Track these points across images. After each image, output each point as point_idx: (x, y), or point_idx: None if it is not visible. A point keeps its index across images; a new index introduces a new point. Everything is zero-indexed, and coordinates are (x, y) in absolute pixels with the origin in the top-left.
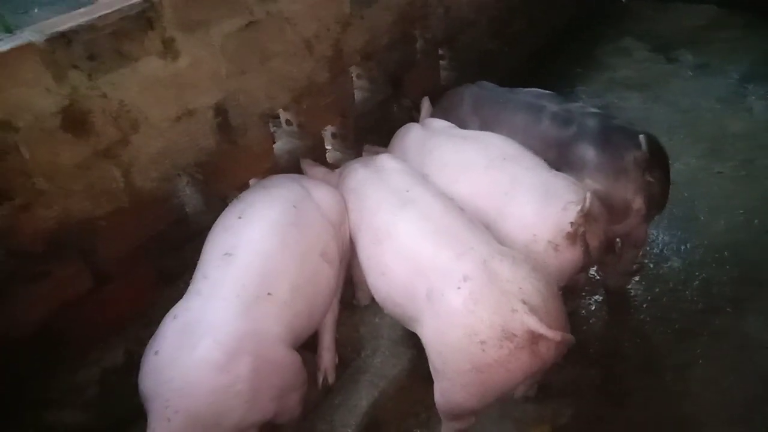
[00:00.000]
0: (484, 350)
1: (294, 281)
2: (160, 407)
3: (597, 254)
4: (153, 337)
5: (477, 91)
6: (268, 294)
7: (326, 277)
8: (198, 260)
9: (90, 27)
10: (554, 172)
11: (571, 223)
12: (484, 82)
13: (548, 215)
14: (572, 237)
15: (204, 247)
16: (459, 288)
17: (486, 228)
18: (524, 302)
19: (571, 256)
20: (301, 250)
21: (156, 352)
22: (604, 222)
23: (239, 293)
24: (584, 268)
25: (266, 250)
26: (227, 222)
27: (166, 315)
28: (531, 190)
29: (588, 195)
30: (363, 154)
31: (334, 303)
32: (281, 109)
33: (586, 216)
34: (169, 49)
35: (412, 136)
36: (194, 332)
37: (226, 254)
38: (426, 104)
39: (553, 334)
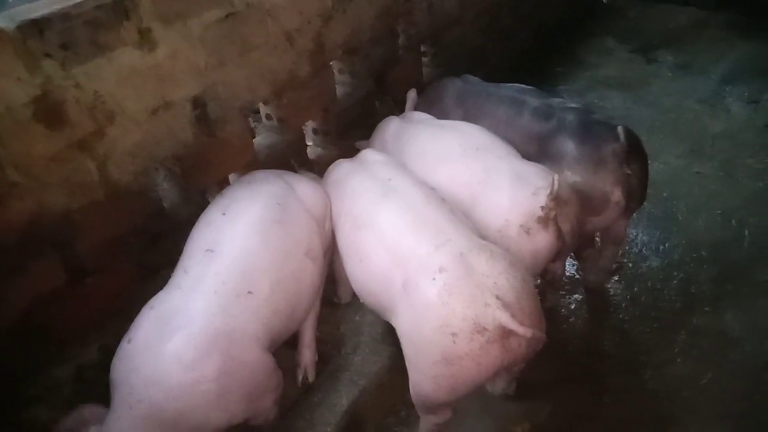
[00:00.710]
0: (455, 342)
1: (275, 279)
2: (125, 393)
3: (570, 239)
4: (131, 325)
5: (461, 85)
6: (248, 292)
7: (310, 275)
8: (180, 254)
9: (63, 15)
10: (525, 161)
11: (542, 207)
12: (469, 75)
13: (519, 200)
14: (544, 221)
15: (187, 241)
16: (434, 279)
17: (467, 219)
18: (498, 297)
19: (543, 239)
20: (285, 247)
21: (129, 340)
22: (575, 206)
23: (218, 290)
24: (559, 254)
25: (248, 248)
26: (210, 217)
27: (145, 305)
28: (503, 178)
29: (555, 178)
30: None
31: (315, 301)
32: (261, 103)
33: (556, 199)
34: (146, 40)
35: (391, 127)
36: (168, 325)
37: (207, 250)
38: (412, 96)
39: (524, 331)
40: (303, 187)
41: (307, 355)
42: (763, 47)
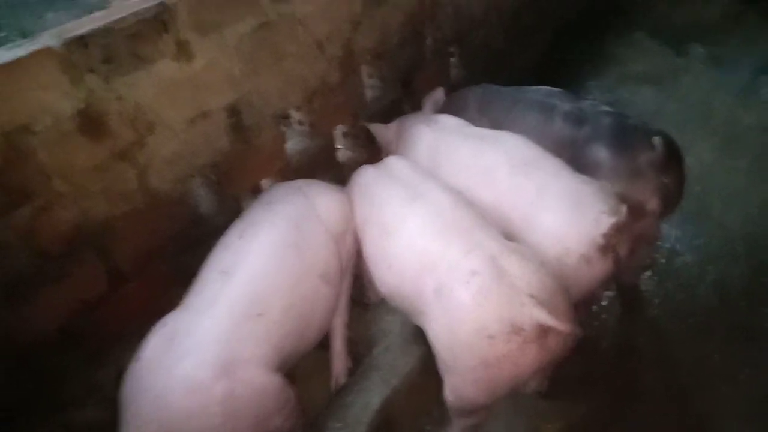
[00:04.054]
0: (492, 345)
1: (287, 302)
2: (133, 415)
3: (624, 263)
4: (142, 343)
5: (481, 93)
6: (259, 314)
7: (323, 298)
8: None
9: (106, 30)
10: (580, 176)
11: (604, 234)
12: (487, 84)
13: (581, 228)
14: (604, 249)
15: (204, 263)
16: (468, 283)
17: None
18: (532, 296)
19: (602, 269)
20: (299, 271)
21: (138, 359)
22: (630, 230)
23: (229, 311)
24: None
25: (261, 271)
26: (228, 240)
27: (157, 323)
28: (560, 200)
29: (624, 209)
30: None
31: (341, 308)
32: (293, 109)
33: (619, 227)
34: (183, 51)
35: (423, 136)
36: (178, 346)
37: (222, 272)
38: (438, 95)
39: (562, 326)
40: (323, 200)
41: (338, 365)
42: None
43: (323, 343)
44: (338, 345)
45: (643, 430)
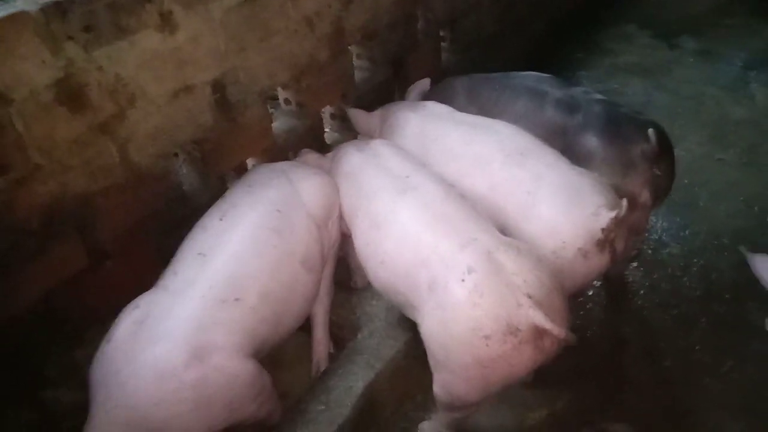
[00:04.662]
0: (488, 345)
1: (265, 288)
2: (102, 398)
3: (620, 258)
4: (113, 323)
5: (469, 81)
6: (235, 299)
7: (303, 284)
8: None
9: None
10: (577, 168)
11: (603, 229)
12: (474, 73)
13: (579, 222)
14: (602, 243)
15: (182, 243)
16: (463, 280)
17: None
18: (529, 296)
19: (599, 263)
20: (280, 257)
21: (109, 341)
22: (627, 223)
23: (205, 294)
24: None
25: (240, 255)
26: (207, 222)
27: (128, 305)
28: (557, 192)
29: (624, 203)
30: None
31: (322, 295)
32: (280, 88)
33: (618, 221)
34: (167, 23)
35: (410, 121)
36: (151, 329)
37: (200, 254)
38: (423, 83)
39: (558, 331)
40: (307, 185)
41: (320, 351)
42: None
43: (308, 328)
44: (319, 333)
45: (628, 421)
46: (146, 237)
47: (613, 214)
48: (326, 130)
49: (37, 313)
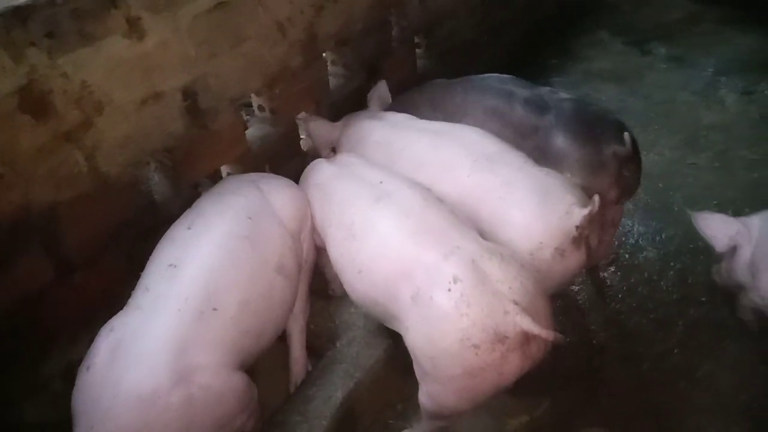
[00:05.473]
0: (477, 354)
1: (243, 298)
2: (85, 427)
3: (595, 254)
4: (89, 350)
5: (431, 89)
6: (213, 309)
7: (280, 291)
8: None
9: (48, 3)
10: (545, 170)
11: (577, 226)
12: (434, 80)
13: (553, 222)
14: (577, 241)
15: (150, 256)
16: (449, 290)
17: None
18: (515, 303)
19: (576, 260)
20: (254, 265)
21: (88, 368)
22: (599, 219)
23: (181, 307)
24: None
25: (213, 264)
26: (175, 233)
27: (103, 327)
28: (529, 195)
29: (596, 199)
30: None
31: (297, 312)
32: (254, 95)
33: (591, 218)
34: (134, 29)
35: (374, 131)
36: (128, 353)
37: (170, 265)
38: (380, 90)
39: (546, 333)
40: (279, 196)
41: (297, 370)
42: (757, 40)
43: (282, 336)
44: (296, 351)
45: (606, 425)
46: (116, 248)
47: (586, 211)
48: (302, 137)
49: (2, 327)
